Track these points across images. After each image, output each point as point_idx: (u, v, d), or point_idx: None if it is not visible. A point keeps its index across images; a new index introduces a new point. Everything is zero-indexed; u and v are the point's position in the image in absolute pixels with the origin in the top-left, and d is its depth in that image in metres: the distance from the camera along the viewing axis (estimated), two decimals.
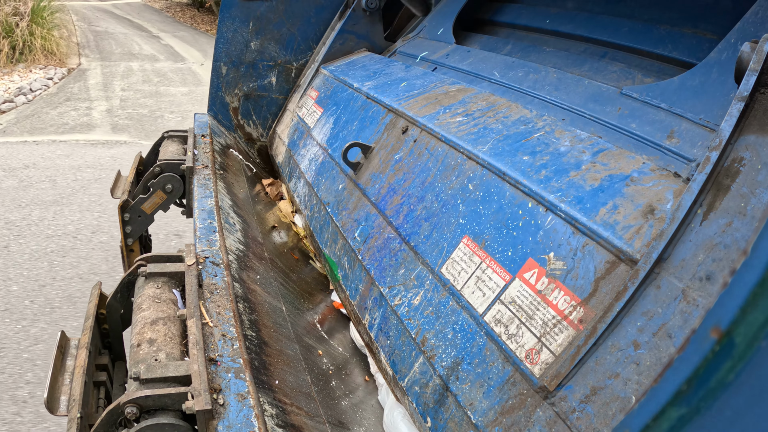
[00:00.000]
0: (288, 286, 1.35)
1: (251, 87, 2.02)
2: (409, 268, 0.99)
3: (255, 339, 0.97)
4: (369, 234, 1.15)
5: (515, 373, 0.72)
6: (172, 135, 1.77)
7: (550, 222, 0.78)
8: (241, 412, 0.72)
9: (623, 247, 0.67)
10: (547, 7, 1.56)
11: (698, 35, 1.11)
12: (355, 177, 1.30)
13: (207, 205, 1.29)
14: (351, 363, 1.22)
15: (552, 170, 0.85)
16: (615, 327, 0.62)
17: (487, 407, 0.73)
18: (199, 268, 0.99)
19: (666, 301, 0.59)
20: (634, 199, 0.72)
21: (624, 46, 1.25)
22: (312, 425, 0.91)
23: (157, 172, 1.51)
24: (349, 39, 1.94)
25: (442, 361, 0.83)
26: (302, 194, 1.57)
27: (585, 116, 1.03)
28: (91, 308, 0.99)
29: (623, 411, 0.57)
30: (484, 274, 0.84)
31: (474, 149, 0.99)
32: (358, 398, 1.12)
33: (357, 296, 1.13)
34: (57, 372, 0.86)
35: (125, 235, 1.55)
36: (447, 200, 0.99)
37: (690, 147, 0.82)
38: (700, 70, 0.90)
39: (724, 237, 0.58)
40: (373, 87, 1.50)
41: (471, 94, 1.21)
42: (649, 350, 0.58)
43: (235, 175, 1.75)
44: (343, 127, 1.51)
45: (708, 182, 0.63)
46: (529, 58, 1.42)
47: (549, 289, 0.73)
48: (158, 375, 0.71)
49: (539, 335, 0.71)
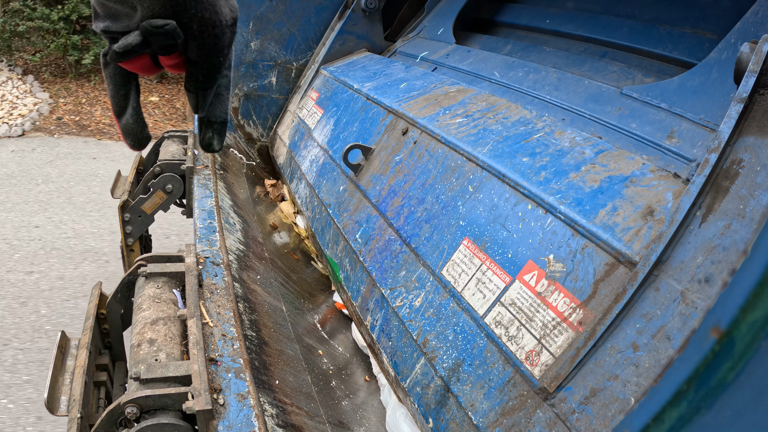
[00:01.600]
0: (288, 286, 1.35)
1: (251, 87, 2.02)
2: (410, 269, 1.00)
3: (255, 339, 0.97)
4: (370, 236, 1.15)
5: (515, 375, 0.72)
6: (172, 135, 1.77)
7: (549, 224, 0.78)
8: (241, 412, 0.72)
9: (622, 249, 0.67)
10: (547, 7, 1.56)
11: (698, 35, 1.11)
12: (355, 179, 1.30)
13: (207, 205, 1.29)
14: (352, 363, 1.22)
15: (552, 172, 0.85)
16: (614, 329, 0.62)
17: (488, 408, 0.73)
18: (199, 268, 0.99)
19: (665, 303, 0.59)
20: (633, 201, 0.73)
21: (624, 46, 1.25)
22: (312, 425, 0.91)
23: (157, 172, 1.51)
24: (349, 39, 1.94)
25: (443, 362, 0.83)
26: (303, 195, 1.57)
27: (585, 116, 1.03)
28: (92, 308, 0.99)
29: (623, 412, 0.57)
30: (484, 275, 0.84)
31: (474, 151, 0.99)
32: (360, 399, 1.12)
33: (359, 297, 1.13)
34: (57, 372, 0.86)
35: (125, 235, 1.55)
36: (447, 202, 0.99)
37: (690, 147, 0.82)
38: (700, 70, 0.90)
39: (723, 239, 0.58)
40: (373, 88, 1.50)
41: (471, 95, 1.22)
42: (648, 352, 0.58)
43: (236, 176, 1.75)
44: (343, 128, 1.51)
45: (707, 184, 0.63)
46: (529, 58, 1.42)
47: (549, 291, 0.73)
48: (158, 375, 0.71)
49: (539, 337, 0.71)
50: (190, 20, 0.51)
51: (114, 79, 0.58)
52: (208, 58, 0.54)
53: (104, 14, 0.54)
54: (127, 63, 0.54)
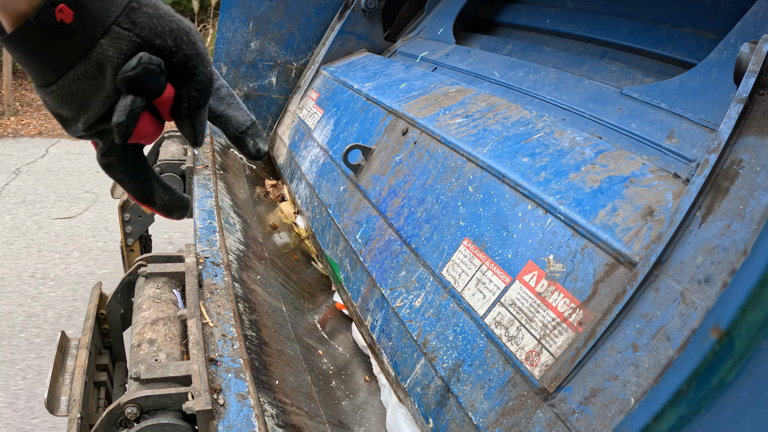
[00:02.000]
0: (288, 286, 1.35)
1: (251, 87, 2.02)
2: (410, 270, 1.00)
3: (255, 339, 0.97)
4: (370, 236, 1.15)
5: (515, 375, 0.72)
6: (172, 135, 1.77)
7: (549, 224, 0.78)
8: (241, 413, 0.72)
9: (622, 250, 0.67)
10: (547, 7, 1.56)
11: (698, 35, 1.11)
12: (355, 179, 1.30)
13: (207, 205, 1.29)
14: (352, 364, 1.22)
15: (551, 172, 0.85)
16: (614, 329, 0.62)
17: (488, 408, 0.73)
18: (199, 268, 0.99)
19: (665, 304, 0.59)
20: (633, 201, 0.73)
21: (624, 46, 1.25)
22: (312, 425, 0.91)
23: (157, 172, 1.51)
24: (349, 39, 1.94)
25: (443, 362, 0.83)
26: (304, 196, 1.57)
27: (585, 116, 1.03)
28: (92, 308, 0.99)
29: (623, 412, 0.57)
30: (484, 276, 0.84)
31: (474, 151, 0.99)
32: (360, 399, 1.12)
33: (359, 298, 1.13)
34: (57, 372, 0.86)
35: (125, 235, 1.55)
36: (447, 202, 0.99)
37: (690, 147, 0.82)
38: (700, 70, 0.90)
39: (723, 239, 0.58)
40: (373, 88, 1.50)
41: (471, 95, 1.22)
42: (648, 352, 0.58)
43: (236, 176, 1.75)
44: (343, 128, 1.51)
45: (706, 185, 0.63)
46: (529, 58, 1.42)
47: (549, 291, 0.73)
48: (158, 375, 0.71)
49: (539, 337, 0.71)
50: (162, 39, 0.45)
51: (128, 169, 0.51)
52: (197, 69, 0.48)
53: (73, 109, 0.45)
54: (134, 133, 0.47)
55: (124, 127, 0.45)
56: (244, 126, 0.57)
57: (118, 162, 0.51)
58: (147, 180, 0.54)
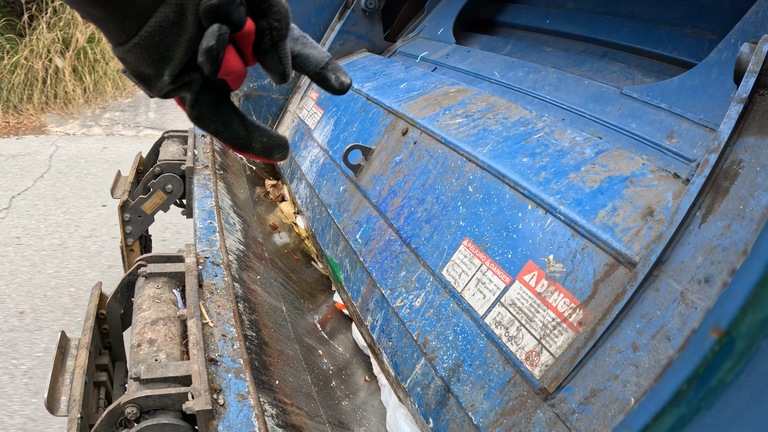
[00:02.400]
0: (288, 286, 1.35)
1: (251, 87, 2.02)
2: (410, 270, 1.00)
3: (255, 339, 0.97)
4: (370, 236, 1.15)
5: (515, 375, 0.72)
6: (172, 135, 1.77)
7: (549, 224, 0.78)
8: (241, 413, 0.72)
9: (622, 250, 0.67)
10: (547, 7, 1.56)
11: (698, 35, 1.11)
12: (355, 179, 1.30)
13: (207, 205, 1.29)
14: (352, 364, 1.22)
15: (551, 172, 0.85)
16: (614, 329, 0.62)
17: (488, 408, 0.73)
18: (199, 268, 0.99)
19: (665, 304, 0.59)
20: (633, 201, 0.73)
21: (624, 46, 1.25)
22: (312, 425, 0.91)
23: (157, 173, 1.51)
24: (349, 39, 1.94)
25: (443, 362, 0.83)
26: (304, 196, 1.57)
27: (585, 116, 1.03)
28: (92, 308, 0.99)
29: (623, 412, 0.57)
30: (484, 276, 0.84)
31: (474, 151, 1.00)
32: (360, 399, 1.12)
33: (359, 298, 1.13)
34: (57, 372, 0.86)
35: (125, 235, 1.55)
36: (447, 202, 0.99)
37: (690, 147, 0.82)
38: (700, 70, 0.90)
39: (723, 239, 0.58)
40: (373, 88, 1.50)
41: (471, 95, 1.22)
42: (648, 352, 0.58)
43: (236, 176, 1.75)
44: (343, 128, 1.51)
45: (706, 185, 0.63)
46: (529, 58, 1.42)
47: (549, 291, 0.73)
48: (158, 375, 0.71)
49: (539, 337, 0.71)
50: None
51: (220, 116, 0.50)
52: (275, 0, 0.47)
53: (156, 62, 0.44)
54: (222, 67, 0.46)
55: (215, 51, 0.42)
56: (324, 62, 0.57)
57: (209, 111, 0.49)
58: (243, 124, 0.52)
